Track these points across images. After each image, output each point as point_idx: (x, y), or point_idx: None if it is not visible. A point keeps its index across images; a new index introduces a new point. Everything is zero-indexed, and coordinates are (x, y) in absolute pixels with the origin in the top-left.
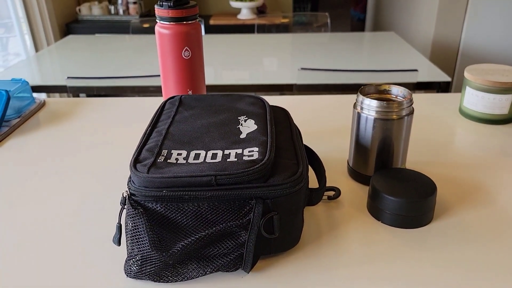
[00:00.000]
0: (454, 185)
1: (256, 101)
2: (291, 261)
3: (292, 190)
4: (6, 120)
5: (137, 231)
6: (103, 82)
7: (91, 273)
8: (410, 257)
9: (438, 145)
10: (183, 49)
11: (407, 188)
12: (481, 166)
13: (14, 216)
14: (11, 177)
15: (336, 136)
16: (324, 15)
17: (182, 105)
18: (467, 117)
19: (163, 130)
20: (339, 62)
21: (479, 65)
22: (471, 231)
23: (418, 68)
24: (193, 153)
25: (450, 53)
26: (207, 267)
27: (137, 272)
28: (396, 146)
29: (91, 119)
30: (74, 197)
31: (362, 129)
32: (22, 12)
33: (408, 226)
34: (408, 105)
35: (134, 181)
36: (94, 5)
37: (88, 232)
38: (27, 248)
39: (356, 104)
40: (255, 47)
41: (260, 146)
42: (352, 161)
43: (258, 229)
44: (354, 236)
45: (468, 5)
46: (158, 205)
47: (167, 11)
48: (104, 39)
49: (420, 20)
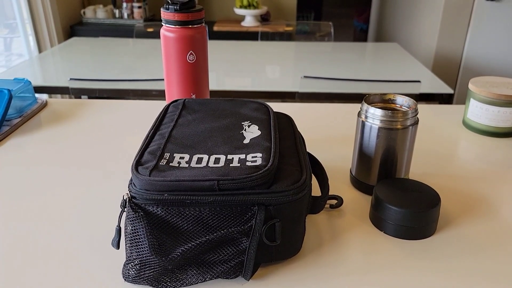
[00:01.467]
0: (457, 197)
1: (260, 107)
2: (291, 270)
3: (295, 197)
4: (7, 120)
5: (136, 235)
6: (106, 84)
7: (88, 277)
8: (413, 268)
9: (442, 156)
10: (188, 52)
11: (411, 198)
12: (484, 178)
13: (13, 216)
14: (11, 176)
15: (339, 145)
16: (328, 24)
17: (186, 108)
18: (471, 129)
19: (166, 133)
20: (342, 71)
21: (483, 78)
22: (474, 243)
23: (420, 80)
24: (195, 157)
25: (453, 66)
26: (207, 274)
27: (135, 276)
28: (400, 156)
29: (93, 121)
30: (73, 199)
31: (366, 138)
32: (26, 13)
33: (411, 237)
34: (413, 115)
35: (135, 183)
36: (99, 8)
37: (87, 235)
38: (25, 248)
39: (360, 112)
40: (258, 54)
41: (263, 152)
42: (355, 170)
43: (259, 236)
44: (355, 246)
45: (471, 18)
46: (159, 209)
47: (173, 14)
48: (108, 42)
49: (423, 32)
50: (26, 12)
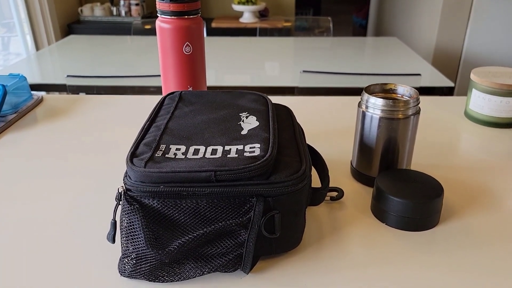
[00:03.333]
0: (460, 188)
1: (258, 98)
2: (292, 263)
3: (294, 188)
4: (2, 115)
5: (132, 228)
6: (103, 81)
7: (84, 271)
8: (415, 260)
9: (444, 148)
10: (184, 44)
11: (413, 189)
12: (487, 169)
13: (9, 212)
14: (6, 172)
15: (338, 138)
16: (327, 19)
17: (182, 100)
18: (473, 120)
19: (161, 125)
20: (341, 66)
21: (485, 68)
22: (478, 234)
23: (421, 73)
24: (192, 149)
25: (453, 60)
26: (205, 267)
27: (131, 271)
28: (401, 146)
29: (89, 116)
30: (69, 194)
31: (366, 128)
32: (24, 12)
33: (413, 229)
34: (414, 104)
35: (130, 175)
36: (96, 6)
37: (83, 229)
38: (21, 244)
39: (361, 103)
40: (257, 50)
41: (261, 143)
42: (355, 162)
43: (258, 228)
44: (357, 238)
45: (471, 11)
46: (155, 201)
47: (169, 5)
48: (105, 39)
49: (423, 26)
50: (23, 11)
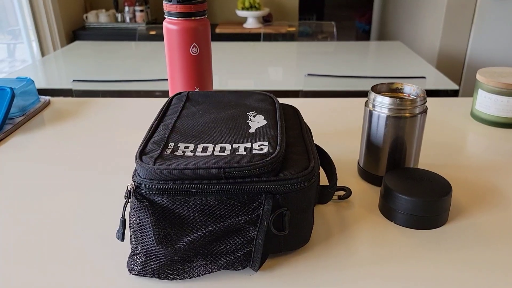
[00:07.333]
0: (467, 187)
1: (265, 98)
2: (300, 261)
3: (303, 185)
4: (10, 118)
5: (141, 226)
6: (109, 86)
7: (93, 270)
8: (424, 258)
9: (450, 148)
10: (191, 45)
11: (422, 187)
12: (494, 169)
13: (17, 213)
14: (14, 174)
15: (345, 138)
16: (330, 24)
17: (189, 100)
18: (479, 121)
19: (170, 124)
20: (345, 70)
21: (491, 68)
22: (486, 233)
23: (425, 77)
24: (200, 146)
25: (457, 63)
26: (214, 265)
27: (140, 269)
28: (408, 145)
29: (96, 119)
30: (77, 195)
31: (374, 127)
32: (29, 19)
33: (422, 227)
34: (421, 103)
35: (140, 173)
36: (101, 13)
37: (91, 229)
38: (29, 244)
39: (368, 102)
40: (261, 54)
41: (270, 140)
42: (363, 161)
43: (267, 226)
44: (365, 236)
45: (474, 14)
46: (164, 199)
47: (176, 6)
48: (110, 45)
49: (426, 31)
50: (29, 18)
